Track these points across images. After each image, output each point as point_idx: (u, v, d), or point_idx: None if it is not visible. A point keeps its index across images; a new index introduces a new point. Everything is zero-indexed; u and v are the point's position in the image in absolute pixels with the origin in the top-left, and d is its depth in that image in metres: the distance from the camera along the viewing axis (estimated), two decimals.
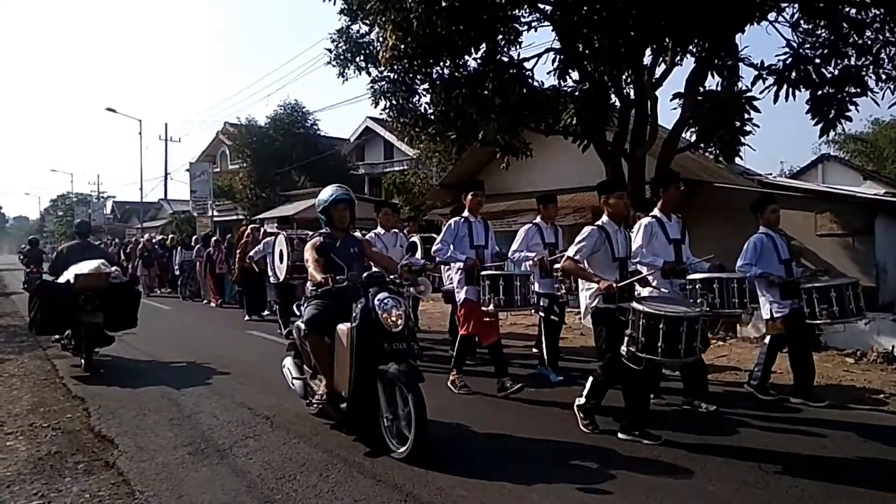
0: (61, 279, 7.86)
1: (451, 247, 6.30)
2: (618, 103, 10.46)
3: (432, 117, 10.67)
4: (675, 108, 9.74)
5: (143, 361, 8.20)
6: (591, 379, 5.04)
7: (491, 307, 5.98)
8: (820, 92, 8.75)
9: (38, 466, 4.35)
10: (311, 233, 10.53)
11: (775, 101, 8.80)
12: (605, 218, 5.09)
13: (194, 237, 19.80)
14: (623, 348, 4.58)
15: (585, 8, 9.42)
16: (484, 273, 6.09)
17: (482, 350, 7.59)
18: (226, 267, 15.41)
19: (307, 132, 29.26)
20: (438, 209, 18.33)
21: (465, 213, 6.56)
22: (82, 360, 7.64)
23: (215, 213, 29.86)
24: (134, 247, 23.26)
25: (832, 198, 11.74)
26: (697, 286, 5.51)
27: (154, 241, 21.70)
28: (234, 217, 30.11)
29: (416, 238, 8.58)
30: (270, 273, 10.57)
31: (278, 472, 4.16)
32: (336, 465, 4.26)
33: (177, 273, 18.69)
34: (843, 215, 10.64)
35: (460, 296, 6.36)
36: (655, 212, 5.61)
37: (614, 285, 4.72)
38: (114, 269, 8.10)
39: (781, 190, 12.36)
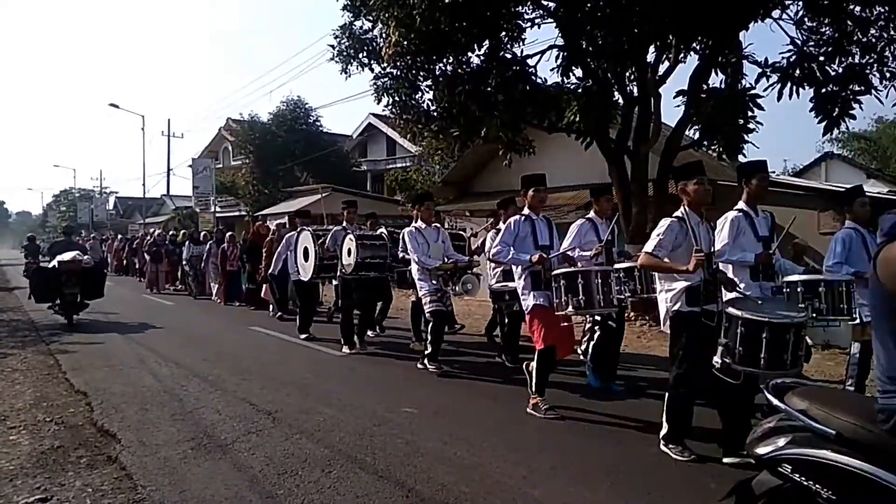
0: (50, 265, 11.28)
1: (512, 248, 5.58)
2: (621, 100, 10.46)
3: (435, 114, 10.67)
4: (678, 106, 9.76)
5: (144, 357, 8.21)
6: (666, 401, 4.52)
7: (570, 310, 5.17)
8: (824, 90, 8.76)
9: (41, 461, 4.36)
10: (341, 227, 9.02)
11: (779, 98, 8.81)
12: (684, 208, 4.60)
13: (203, 232, 18.98)
14: (716, 359, 4.10)
15: (589, 5, 9.42)
16: (558, 272, 5.31)
17: (490, 352, 7.58)
18: (238, 264, 14.78)
19: (310, 129, 29.21)
20: (441, 206, 18.33)
21: (526, 211, 5.85)
22: (66, 320, 11.07)
23: (218, 209, 29.87)
24: (141, 241, 22.76)
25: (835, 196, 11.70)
26: (799, 290, 4.92)
27: (163, 236, 20.81)
28: (237, 213, 30.12)
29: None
30: (292, 271, 10.05)
31: (280, 467, 4.17)
32: (338, 461, 4.27)
33: (186, 269, 17.89)
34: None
35: (528, 302, 5.51)
36: (741, 205, 4.96)
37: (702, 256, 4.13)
38: (86, 257, 11.59)
39: (785, 188, 12.33)
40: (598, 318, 6.32)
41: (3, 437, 4.90)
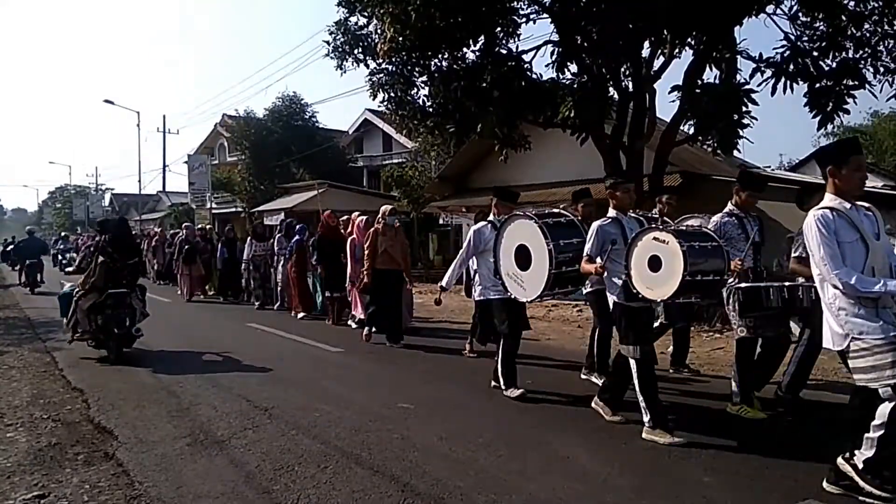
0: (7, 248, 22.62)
1: None
2: (616, 96, 10.47)
3: (431, 110, 10.68)
4: (673, 101, 9.78)
5: (141, 354, 8.22)
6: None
7: None
8: (818, 85, 8.79)
9: (38, 457, 4.38)
10: (609, 219, 5.15)
11: (773, 93, 8.83)
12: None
13: (280, 224, 14.47)
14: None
15: (584, 0, 9.43)
16: None
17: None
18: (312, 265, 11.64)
19: (305, 124, 29.18)
20: (437, 202, 18.35)
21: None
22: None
23: (214, 206, 29.84)
24: (161, 239, 20.38)
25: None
26: None
27: (193, 232, 16.98)
28: (233, 209, 30.10)
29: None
30: (479, 286, 6.44)
31: (276, 463, 4.19)
32: (334, 457, 4.29)
33: (243, 271, 14.54)
34: None
35: None
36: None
37: None
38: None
39: (780, 182, 12.37)
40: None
41: (0, 434, 4.91)
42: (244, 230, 21.47)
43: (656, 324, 6.15)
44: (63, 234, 32.56)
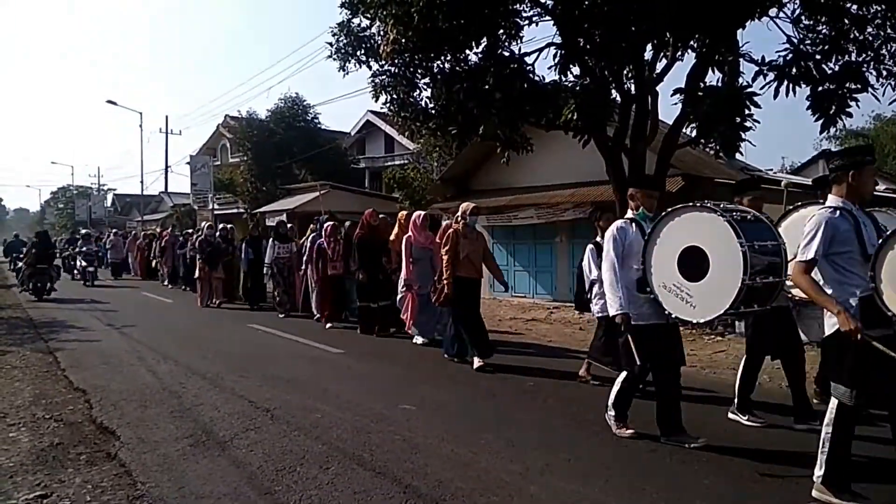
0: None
1: None
2: (618, 98, 10.46)
3: (433, 112, 10.66)
4: (675, 104, 9.75)
5: (143, 354, 8.24)
6: None
7: None
8: (820, 88, 8.76)
9: (41, 457, 4.39)
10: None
11: (775, 96, 8.81)
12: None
13: (312, 226, 12.46)
14: None
15: (586, 2, 9.42)
16: None
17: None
18: (342, 266, 10.71)
19: (308, 126, 29.15)
20: (439, 203, 18.33)
21: None
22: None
23: (216, 206, 29.87)
24: (171, 240, 19.61)
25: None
26: None
27: (213, 232, 15.19)
28: (235, 210, 30.12)
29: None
30: (616, 304, 4.68)
31: (278, 463, 4.20)
32: (336, 458, 4.30)
33: (266, 273, 13.44)
34: None
35: None
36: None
37: None
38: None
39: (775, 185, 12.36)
40: None
41: (2, 435, 4.92)
42: (266, 231, 21.28)
43: None
44: (84, 231, 26.44)
